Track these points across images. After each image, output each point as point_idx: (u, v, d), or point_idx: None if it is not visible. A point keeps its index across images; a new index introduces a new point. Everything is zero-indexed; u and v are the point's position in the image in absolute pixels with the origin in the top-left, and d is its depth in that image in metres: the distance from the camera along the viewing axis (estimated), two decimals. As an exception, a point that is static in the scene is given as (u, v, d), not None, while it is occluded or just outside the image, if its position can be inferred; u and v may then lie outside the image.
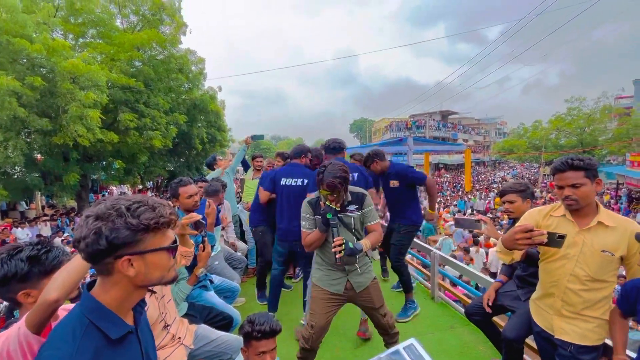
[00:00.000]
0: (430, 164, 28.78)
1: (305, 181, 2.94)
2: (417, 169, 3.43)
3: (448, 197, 19.87)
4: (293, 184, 2.97)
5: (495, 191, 22.08)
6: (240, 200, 4.81)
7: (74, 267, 1.12)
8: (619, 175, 14.91)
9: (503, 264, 2.45)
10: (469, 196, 19.16)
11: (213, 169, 4.47)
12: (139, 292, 0.93)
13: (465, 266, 3.66)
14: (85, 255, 0.83)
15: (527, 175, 32.53)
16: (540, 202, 17.69)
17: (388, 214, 3.66)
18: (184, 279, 2.23)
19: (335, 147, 3.01)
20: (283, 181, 3.01)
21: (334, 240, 1.90)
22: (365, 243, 2.00)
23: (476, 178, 31.39)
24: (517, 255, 1.77)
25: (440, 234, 9.61)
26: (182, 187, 2.44)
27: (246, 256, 4.23)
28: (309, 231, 2.08)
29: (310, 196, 2.18)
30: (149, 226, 0.85)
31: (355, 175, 3.03)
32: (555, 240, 1.44)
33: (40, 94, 10.00)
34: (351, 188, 2.11)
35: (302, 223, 2.10)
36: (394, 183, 3.14)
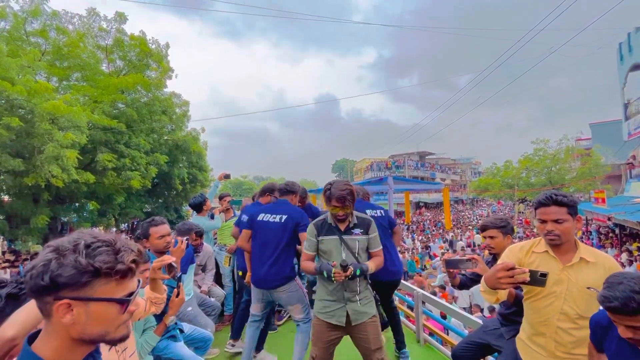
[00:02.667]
0: (411, 203, 29.32)
1: (284, 218, 2.71)
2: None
3: (430, 236, 20.04)
4: (272, 220, 2.77)
5: (472, 226, 22.50)
6: (216, 242, 4.59)
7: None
8: (587, 211, 15.69)
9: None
10: (451, 234, 19.43)
11: (201, 210, 4.10)
12: (81, 347, 0.78)
13: (450, 305, 3.60)
14: (28, 288, 0.73)
15: (505, 212, 33.56)
16: (516, 239, 18.13)
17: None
18: (151, 328, 2.06)
19: (283, 189, 3.01)
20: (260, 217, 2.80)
21: (334, 274, 1.90)
22: (370, 265, 2.06)
23: (456, 216, 32.06)
24: (503, 294, 1.71)
25: (425, 268, 9.56)
26: (154, 227, 2.30)
27: (222, 303, 3.98)
28: (308, 254, 2.14)
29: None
30: (99, 270, 0.74)
31: (379, 211, 3.00)
32: (538, 278, 1.42)
33: (16, 134, 9.79)
34: (357, 213, 2.18)
35: (304, 243, 2.17)
36: None
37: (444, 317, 5.01)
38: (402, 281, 4.49)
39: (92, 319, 0.75)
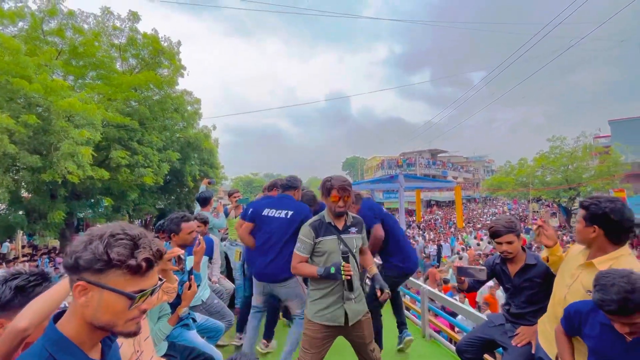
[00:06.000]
0: (422, 201, 28.97)
1: (290, 213, 2.68)
2: (386, 210, 3.22)
3: (441, 235, 19.77)
4: (277, 215, 2.73)
5: (480, 225, 22.03)
6: (227, 238, 4.67)
7: (53, 295, 1.08)
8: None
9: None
10: (462, 234, 19.11)
11: (206, 205, 4.21)
12: (96, 331, 0.83)
13: (456, 302, 3.57)
14: (63, 262, 0.82)
15: (520, 211, 32.84)
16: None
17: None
18: (166, 316, 2.13)
19: (285, 185, 2.93)
20: (266, 212, 2.78)
21: (344, 268, 1.89)
22: (376, 269, 2.21)
23: (468, 215, 31.54)
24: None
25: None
26: (185, 223, 2.41)
27: (233, 296, 4.04)
28: (302, 256, 2.05)
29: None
30: (110, 261, 0.78)
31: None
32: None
33: (34, 131, 10.10)
34: (350, 214, 2.20)
35: (297, 245, 2.08)
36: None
37: (453, 314, 4.95)
38: (411, 278, 4.46)
39: (102, 306, 0.79)
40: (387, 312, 3.28)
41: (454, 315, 4.56)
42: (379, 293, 2.03)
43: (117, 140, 12.83)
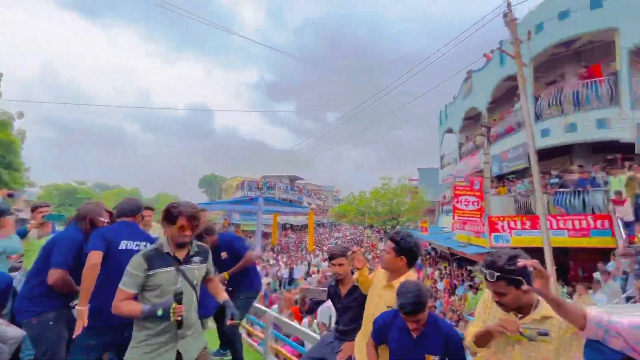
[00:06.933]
0: (278, 224, 29.85)
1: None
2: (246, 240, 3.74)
3: (294, 258, 20.60)
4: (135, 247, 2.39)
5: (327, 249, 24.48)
6: (21, 267, 3.48)
7: None
8: (415, 237, 19.48)
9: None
10: (312, 257, 20.49)
11: None
12: None
13: (299, 326, 3.75)
14: None
15: (358, 236, 38.30)
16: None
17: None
18: None
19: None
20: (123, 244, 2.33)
21: (174, 310, 1.68)
22: (225, 296, 2.07)
23: (318, 238, 34.48)
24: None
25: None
26: None
27: (19, 346, 2.87)
28: (128, 292, 1.74)
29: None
30: None
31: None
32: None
33: None
34: (195, 242, 2.03)
35: (124, 279, 1.76)
36: (224, 255, 3.21)
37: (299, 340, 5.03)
38: (256, 304, 4.42)
39: None
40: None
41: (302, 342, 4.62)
42: (229, 321, 1.96)
43: None
